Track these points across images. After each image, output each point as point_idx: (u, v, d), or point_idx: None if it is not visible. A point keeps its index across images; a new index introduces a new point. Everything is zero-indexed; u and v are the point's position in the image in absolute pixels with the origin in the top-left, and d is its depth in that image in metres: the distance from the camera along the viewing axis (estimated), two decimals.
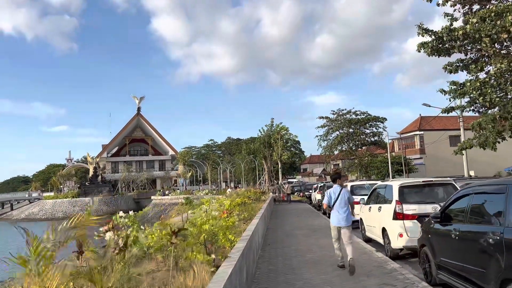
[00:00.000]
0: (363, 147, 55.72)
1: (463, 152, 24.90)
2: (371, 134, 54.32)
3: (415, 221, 8.04)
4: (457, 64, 25.45)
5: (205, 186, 76.08)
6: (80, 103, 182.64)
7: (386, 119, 54.80)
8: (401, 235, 8.08)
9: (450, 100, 25.19)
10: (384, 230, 8.90)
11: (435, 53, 25.25)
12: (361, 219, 11.47)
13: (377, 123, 54.17)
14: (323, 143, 55.36)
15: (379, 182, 15.66)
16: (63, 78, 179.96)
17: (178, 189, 72.03)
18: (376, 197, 9.99)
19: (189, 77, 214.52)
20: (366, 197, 11.87)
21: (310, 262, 8.02)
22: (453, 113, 27.28)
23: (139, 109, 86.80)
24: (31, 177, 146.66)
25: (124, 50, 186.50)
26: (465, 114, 29.84)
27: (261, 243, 10.21)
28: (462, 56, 25.48)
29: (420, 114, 59.95)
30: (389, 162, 46.71)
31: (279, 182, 40.40)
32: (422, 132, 56.37)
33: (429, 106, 28.61)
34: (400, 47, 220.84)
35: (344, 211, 7.46)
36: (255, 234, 7.81)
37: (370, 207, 10.19)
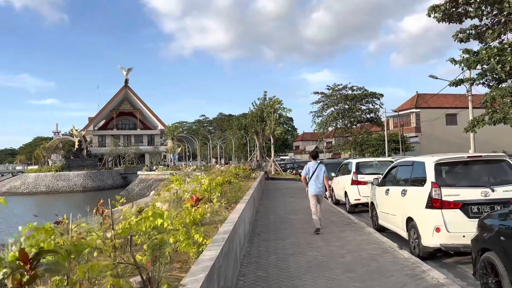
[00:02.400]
0: (358, 125, 53.77)
1: (475, 129, 22.85)
2: (367, 110, 52.31)
3: (458, 210, 5.89)
4: (470, 32, 23.09)
5: (194, 162, 73.88)
6: (70, 76, 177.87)
7: (383, 95, 52.79)
8: (438, 230, 5.93)
9: (462, 69, 23.04)
10: (409, 220, 6.77)
11: (446, 19, 22.78)
12: (372, 203, 9.34)
13: (374, 99, 52.11)
14: (317, 120, 53.31)
15: (392, 159, 13.58)
16: (53, 50, 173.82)
17: (167, 164, 69.82)
18: (397, 177, 7.82)
19: (182, 51, 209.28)
20: (375, 177, 9.76)
21: (313, 264, 5.87)
22: (455, 91, 25.13)
23: (126, 81, 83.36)
24: (18, 149, 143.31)
25: (115, 22, 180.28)
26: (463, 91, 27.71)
27: (248, 233, 8.03)
28: (476, 22, 23.05)
29: (417, 92, 58.01)
30: (386, 140, 44.87)
31: (271, 158, 38.24)
32: (418, 110, 54.57)
33: (436, 78, 26.34)
34: (397, 25, 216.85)
35: (320, 182, 8.98)
36: (238, 227, 5.59)
37: (388, 190, 8.02)
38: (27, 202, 43.99)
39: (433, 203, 6.01)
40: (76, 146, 69.42)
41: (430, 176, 6.21)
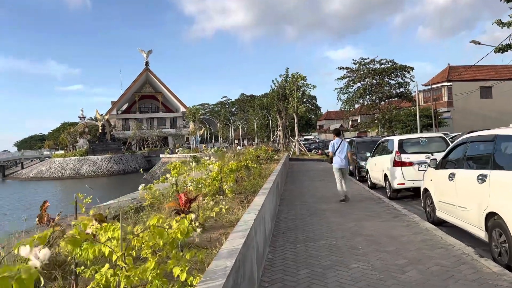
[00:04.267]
0: (387, 100, 50.84)
1: None
2: (397, 85, 49.27)
3: None
4: None
5: (217, 144, 72.79)
6: (95, 62, 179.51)
7: (413, 68, 49.57)
8: None
9: None
10: (491, 216, 4.88)
11: None
12: (425, 190, 7.44)
13: (404, 72, 48.95)
14: (343, 97, 50.75)
15: (441, 134, 11.51)
16: (77, 36, 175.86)
17: (189, 147, 68.97)
18: (468, 157, 5.87)
19: (203, 33, 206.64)
20: (431, 157, 7.88)
21: (364, 285, 4.11)
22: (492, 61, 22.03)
23: (147, 63, 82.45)
24: (46, 135, 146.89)
25: (136, 6, 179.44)
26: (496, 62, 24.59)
27: (271, 232, 6.34)
28: None
29: (448, 64, 54.34)
30: (417, 115, 42.02)
31: (295, 138, 36.28)
32: (450, 83, 51.10)
33: (479, 43, 23.48)
34: None
35: (344, 157, 9.82)
36: (253, 236, 3.89)
37: (453, 174, 6.11)
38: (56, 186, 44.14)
39: None
40: (100, 130, 69.43)
41: None
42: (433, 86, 48.76)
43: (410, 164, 9.87)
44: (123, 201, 6.23)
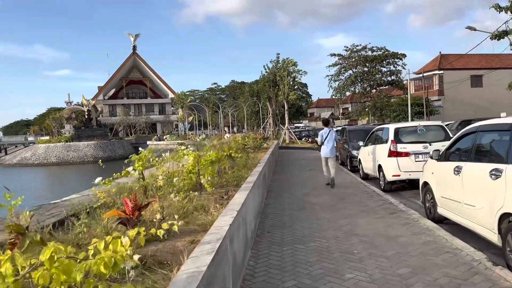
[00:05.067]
0: (378, 88, 50.23)
1: None
2: (388, 72, 48.63)
3: None
4: None
5: (206, 131, 71.77)
6: (83, 46, 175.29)
7: (405, 56, 48.90)
8: None
9: None
10: (505, 217, 4.21)
11: None
12: (425, 183, 6.79)
13: (396, 60, 48.27)
14: (334, 84, 49.96)
15: (440, 123, 10.85)
16: (66, 19, 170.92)
17: (178, 134, 67.89)
18: (478, 149, 5.19)
19: (195, 18, 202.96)
20: (434, 147, 7.24)
21: None
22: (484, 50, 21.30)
23: (134, 47, 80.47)
24: (32, 120, 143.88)
25: None
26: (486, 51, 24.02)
27: (254, 232, 5.62)
28: None
29: (440, 52, 53.78)
30: (409, 104, 41.56)
31: (285, 126, 35.54)
32: (442, 72, 50.69)
33: (475, 29, 22.80)
34: None
35: (331, 146, 10.35)
36: (228, 245, 3.15)
37: (459, 167, 5.43)
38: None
39: None
40: (86, 116, 67.82)
41: None
42: (425, 74, 48.31)
43: (407, 154, 9.22)
44: (86, 196, 5.45)
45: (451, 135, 9.51)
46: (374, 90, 49.94)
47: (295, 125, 66.81)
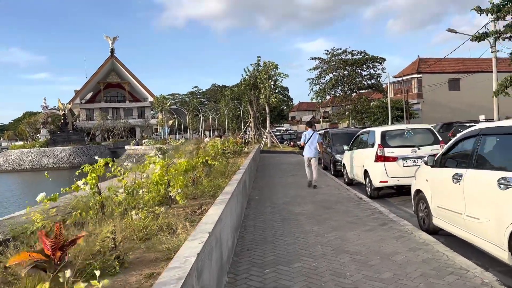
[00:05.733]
0: (358, 91, 50.39)
1: (509, 92, 19.58)
2: (368, 76, 48.85)
3: None
4: None
5: (186, 135, 70.57)
6: (61, 49, 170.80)
7: (385, 59, 49.30)
8: None
9: (497, 18, 19.63)
10: None
11: None
12: (418, 191, 6.27)
13: (375, 64, 48.55)
14: (315, 87, 49.89)
15: (428, 126, 10.41)
16: (42, 22, 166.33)
17: (157, 138, 66.49)
18: (481, 155, 4.68)
19: (175, 21, 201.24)
20: (429, 153, 6.74)
21: None
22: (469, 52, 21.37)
23: (112, 50, 78.58)
24: (7, 125, 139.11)
25: None
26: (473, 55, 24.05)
27: (232, 251, 4.93)
28: None
29: (418, 56, 54.57)
30: (389, 107, 41.72)
31: (267, 130, 34.98)
32: (420, 75, 51.33)
33: (455, 32, 22.81)
34: None
35: (314, 148, 10.66)
36: (194, 282, 2.45)
37: (459, 175, 4.92)
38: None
39: None
40: (62, 120, 65.73)
41: None
42: (404, 78, 48.70)
43: (394, 159, 8.72)
44: (39, 212, 4.66)
45: (440, 139, 9.10)
46: (354, 94, 50.07)
47: (277, 128, 66.41)
